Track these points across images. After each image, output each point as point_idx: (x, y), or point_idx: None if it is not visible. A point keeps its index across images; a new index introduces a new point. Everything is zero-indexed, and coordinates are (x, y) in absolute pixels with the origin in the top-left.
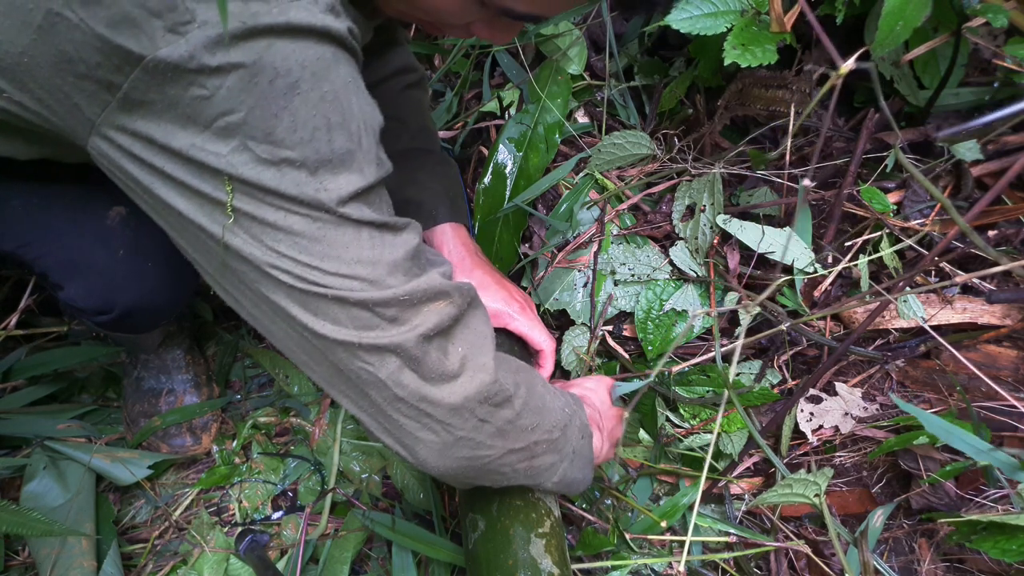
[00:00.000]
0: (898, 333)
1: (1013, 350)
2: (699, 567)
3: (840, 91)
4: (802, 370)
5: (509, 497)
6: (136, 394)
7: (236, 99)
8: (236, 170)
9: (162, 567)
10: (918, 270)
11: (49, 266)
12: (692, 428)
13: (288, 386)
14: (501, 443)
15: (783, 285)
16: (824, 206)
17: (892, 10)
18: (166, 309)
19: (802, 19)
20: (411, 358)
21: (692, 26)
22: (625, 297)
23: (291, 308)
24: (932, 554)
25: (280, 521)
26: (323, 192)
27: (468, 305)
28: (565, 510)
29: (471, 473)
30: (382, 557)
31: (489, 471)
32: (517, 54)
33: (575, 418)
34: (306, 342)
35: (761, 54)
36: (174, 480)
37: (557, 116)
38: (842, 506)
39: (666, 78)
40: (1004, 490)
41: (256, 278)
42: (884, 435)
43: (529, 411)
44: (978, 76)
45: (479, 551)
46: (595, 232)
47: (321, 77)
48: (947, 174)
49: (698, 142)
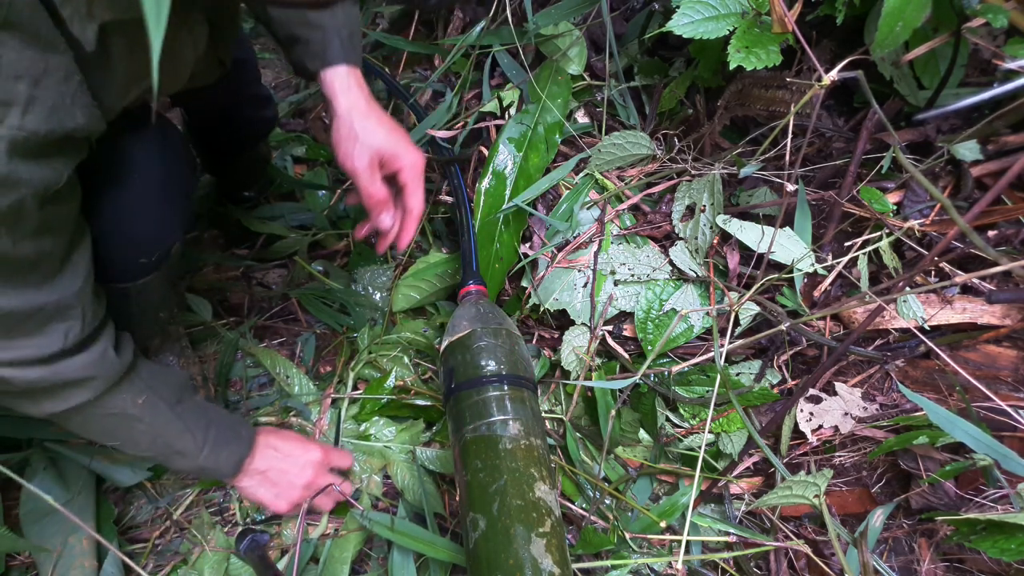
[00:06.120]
0: (898, 333)
1: (1013, 350)
2: (699, 567)
3: (840, 91)
4: (802, 370)
5: (510, 497)
6: None
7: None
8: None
9: (162, 567)
10: (918, 270)
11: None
12: (692, 428)
13: (288, 386)
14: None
15: (770, 283)
16: (824, 206)
17: (892, 10)
18: (147, 238)
19: (802, 19)
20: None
21: (694, 30)
22: (625, 297)
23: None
24: (932, 554)
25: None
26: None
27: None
28: (565, 509)
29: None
30: (382, 557)
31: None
32: (517, 54)
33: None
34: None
35: (765, 56)
36: (174, 480)
37: (557, 116)
38: (842, 506)
39: (666, 78)
40: (1004, 490)
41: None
42: (884, 435)
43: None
44: (978, 76)
45: (480, 551)
46: (595, 232)
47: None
48: (947, 174)
49: (698, 142)
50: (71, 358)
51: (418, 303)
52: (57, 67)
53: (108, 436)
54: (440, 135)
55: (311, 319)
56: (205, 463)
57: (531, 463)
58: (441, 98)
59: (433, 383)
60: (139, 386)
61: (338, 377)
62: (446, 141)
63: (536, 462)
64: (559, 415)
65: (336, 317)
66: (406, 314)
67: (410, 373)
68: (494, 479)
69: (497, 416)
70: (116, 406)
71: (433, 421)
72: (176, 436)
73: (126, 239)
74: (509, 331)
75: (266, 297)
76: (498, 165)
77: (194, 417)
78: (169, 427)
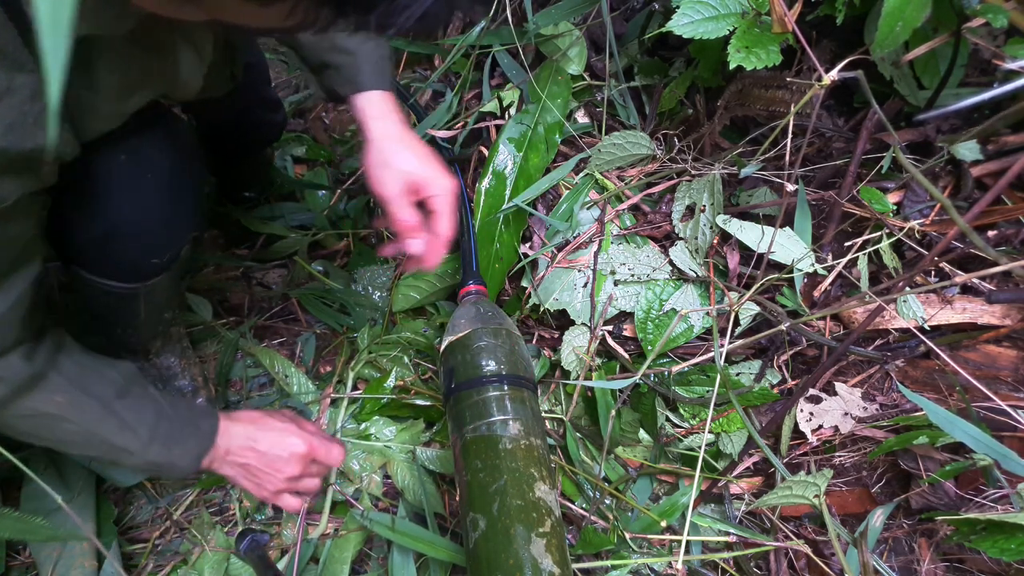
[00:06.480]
0: (898, 333)
1: (1013, 350)
2: (699, 567)
3: (840, 91)
4: (802, 370)
5: (510, 497)
6: None
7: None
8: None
9: (162, 567)
10: (918, 270)
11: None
12: (692, 428)
13: (288, 386)
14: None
15: (770, 283)
16: (824, 206)
17: (892, 10)
18: (158, 238)
19: (802, 19)
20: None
21: (694, 31)
22: (625, 297)
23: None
24: (932, 554)
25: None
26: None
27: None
28: (565, 509)
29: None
30: (382, 557)
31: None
32: (517, 54)
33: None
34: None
35: (765, 56)
36: (174, 480)
37: (557, 116)
38: (842, 506)
39: (666, 78)
40: (1004, 490)
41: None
42: (884, 435)
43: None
44: (978, 76)
45: (480, 551)
46: (595, 232)
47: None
48: (947, 174)
49: (698, 142)
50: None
51: (418, 303)
52: (23, 86)
53: (34, 437)
54: (440, 135)
55: (311, 319)
56: (157, 458)
57: (531, 463)
58: (441, 98)
59: (433, 383)
60: (56, 386)
61: (338, 377)
62: (446, 141)
63: (536, 462)
64: (559, 415)
65: (336, 317)
66: (406, 314)
67: (410, 373)
68: (494, 479)
69: (497, 416)
70: (28, 408)
71: (433, 421)
72: (114, 433)
73: (138, 240)
74: (509, 331)
75: (266, 297)
76: (498, 165)
77: (137, 413)
78: (103, 424)
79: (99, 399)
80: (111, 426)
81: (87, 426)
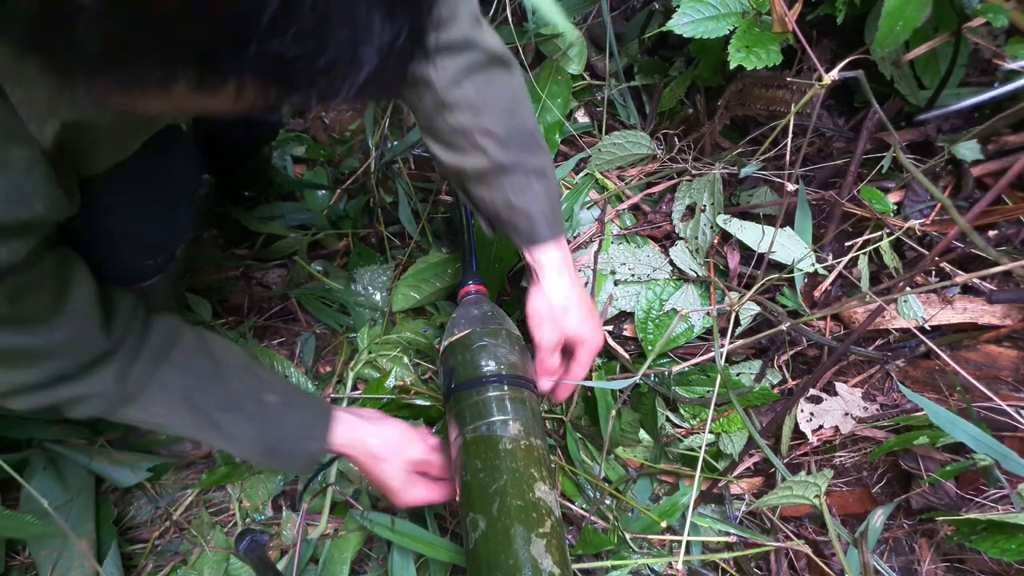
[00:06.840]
0: (898, 333)
1: (1013, 350)
2: (699, 567)
3: (840, 91)
4: (802, 370)
5: (510, 497)
6: None
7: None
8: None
9: (162, 567)
10: (918, 270)
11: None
12: (692, 428)
13: None
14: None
15: (771, 283)
16: (824, 206)
17: (892, 10)
18: (152, 240)
19: (802, 19)
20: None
21: (695, 30)
22: (625, 297)
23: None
24: (932, 554)
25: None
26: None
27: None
28: (565, 509)
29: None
30: (382, 557)
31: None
32: (517, 53)
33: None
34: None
35: (765, 56)
36: (174, 480)
37: (557, 116)
38: (842, 506)
39: (666, 78)
40: (1004, 490)
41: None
42: (884, 435)
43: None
44: (978, 76)
45: (480, 551)
46: (595, 232)
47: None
48: (947, 174)
49: (698, 142)
50: (67, 384)
51: (418, 303)
52: (19, 160)
53: (145, 428)
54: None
55: (311, 319)
56: (264, 463)
57: (531, 463)
58: None
59: (433, 383)
60: (156, 399)
61: (338, 377)
62: None
63: (536, 462)
64: (559, 415)
65: (336, 317)
66: (406, 314)
67: (410, 373)
68: (494, 479)
69: (497, 416)
70: (127, 416)
71: (433, 421)
72: (215, 440)
73: (134, 241)
74: (509, 331)
75: (266, 297)
76: None
77: (239, 428)
78: (203, 434)
79: (201, 412)
80: (211, 436)
81: (187, 433)
